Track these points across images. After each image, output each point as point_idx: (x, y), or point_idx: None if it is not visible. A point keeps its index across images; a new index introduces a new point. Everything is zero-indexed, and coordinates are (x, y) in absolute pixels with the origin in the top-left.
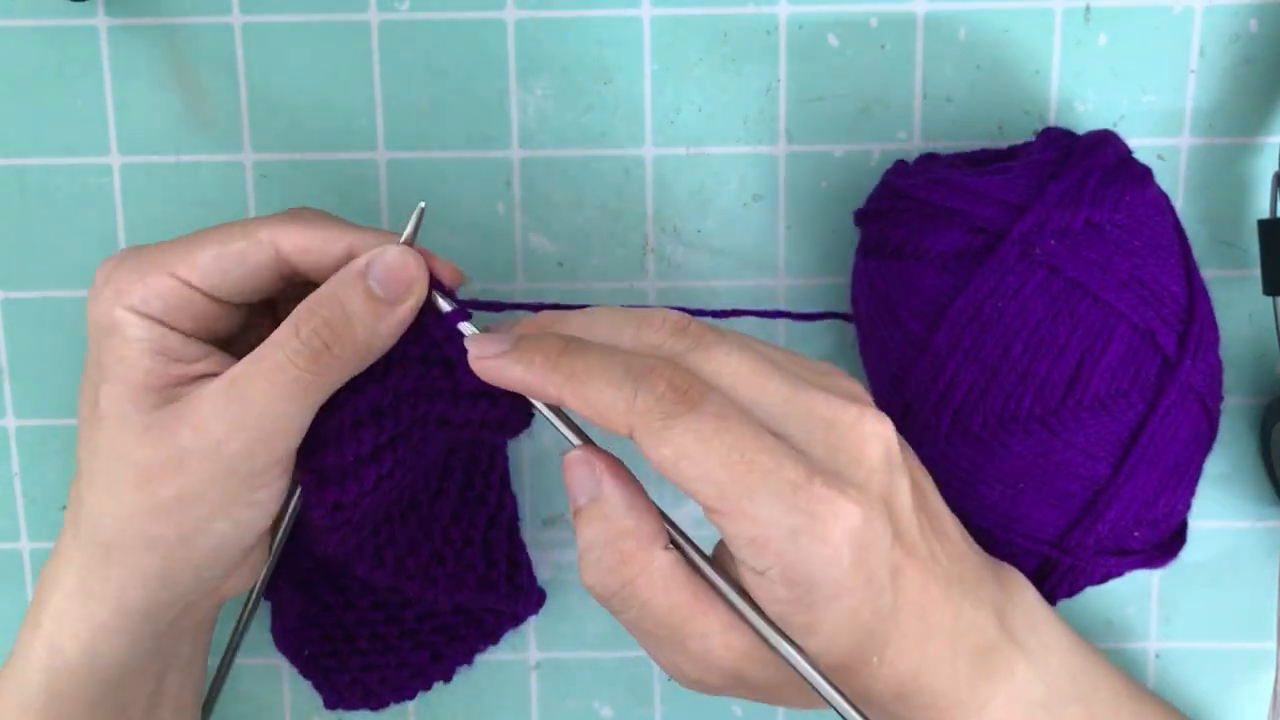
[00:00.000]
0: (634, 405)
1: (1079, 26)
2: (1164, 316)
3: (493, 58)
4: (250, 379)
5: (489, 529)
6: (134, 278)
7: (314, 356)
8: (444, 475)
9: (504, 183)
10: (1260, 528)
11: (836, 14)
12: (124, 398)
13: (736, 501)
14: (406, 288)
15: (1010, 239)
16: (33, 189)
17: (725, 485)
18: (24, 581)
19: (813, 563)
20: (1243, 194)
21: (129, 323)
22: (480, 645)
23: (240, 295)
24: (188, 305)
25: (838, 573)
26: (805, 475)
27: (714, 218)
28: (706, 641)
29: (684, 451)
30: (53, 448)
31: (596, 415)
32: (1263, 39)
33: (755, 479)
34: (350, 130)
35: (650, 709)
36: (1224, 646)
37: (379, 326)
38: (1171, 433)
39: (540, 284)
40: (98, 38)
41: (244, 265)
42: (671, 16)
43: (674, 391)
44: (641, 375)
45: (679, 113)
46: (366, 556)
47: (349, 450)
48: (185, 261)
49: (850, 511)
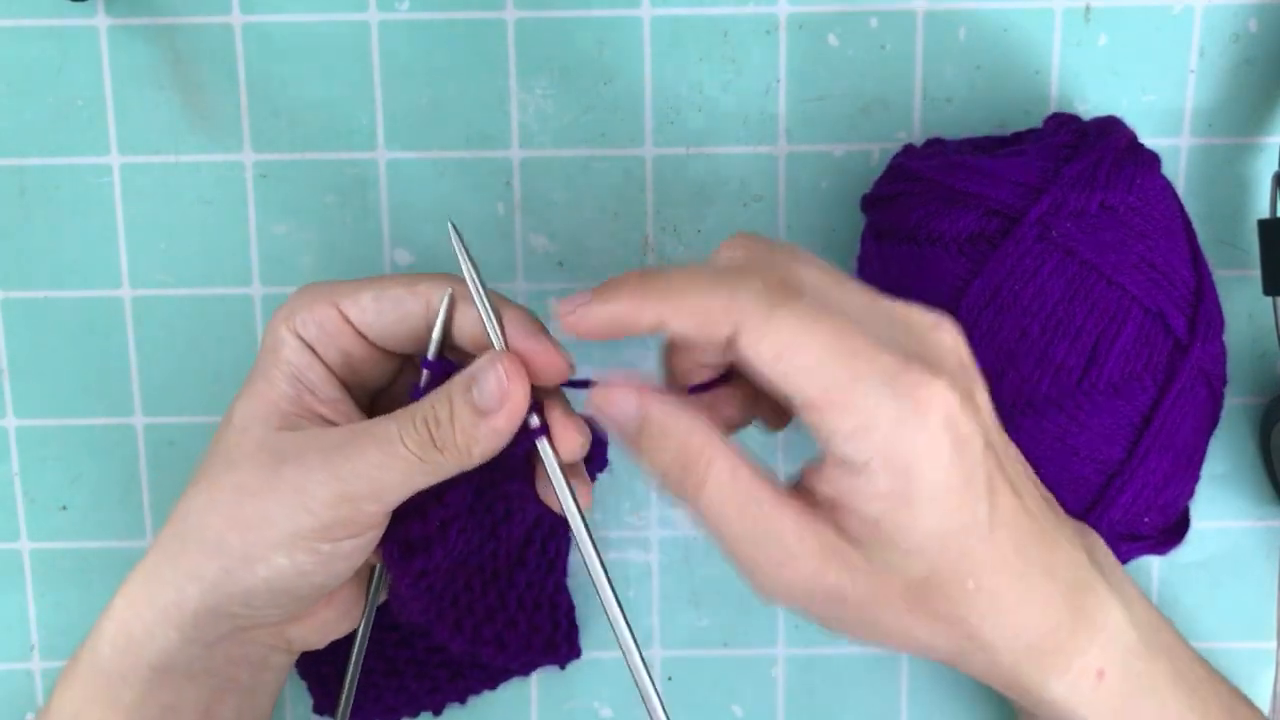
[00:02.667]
0: (735, 301)
1: (1079, 26)
2: (1174, 299)
3: (493, 58)
4: (362, 439)
5: (556, 592)
6: (305, 302)
7: (420, 443)
8: (525, 545)
9: (504, 183)
10: (1260, 527)
11: (836, 14)
12: (256, 413)
13: (840, 390)
14: (501, 403)
15: (1028, 221)
16: (33, 189)
17: (829, 373)
18: (24, 581)
19: (916, 449)
20: (1243, 194)
21: (286, 342)
22: (477, 688)
23: (390, 340)
24: (340, 336)
25: (938, 462)
26: (902, 361)
27: (714, 218)
28: (787, 540)
29: (788, 340)
30: (53, 448)
31: (697, 323)
32: (1263, 39)
33: (859, 365)
34: (350, 130)
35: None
36: (1224, 646)
37: (475, 433)
38: (1182, 416)
39: (540, 284)
40: (98, 38)
41: (397, 310)
42: (671, 16)
43: (774, 283)
44: (736, 277)
45: (679, 113)
46: (447, 625)
47: (433, 516)
48: (350, 296)
49: (948, 396)
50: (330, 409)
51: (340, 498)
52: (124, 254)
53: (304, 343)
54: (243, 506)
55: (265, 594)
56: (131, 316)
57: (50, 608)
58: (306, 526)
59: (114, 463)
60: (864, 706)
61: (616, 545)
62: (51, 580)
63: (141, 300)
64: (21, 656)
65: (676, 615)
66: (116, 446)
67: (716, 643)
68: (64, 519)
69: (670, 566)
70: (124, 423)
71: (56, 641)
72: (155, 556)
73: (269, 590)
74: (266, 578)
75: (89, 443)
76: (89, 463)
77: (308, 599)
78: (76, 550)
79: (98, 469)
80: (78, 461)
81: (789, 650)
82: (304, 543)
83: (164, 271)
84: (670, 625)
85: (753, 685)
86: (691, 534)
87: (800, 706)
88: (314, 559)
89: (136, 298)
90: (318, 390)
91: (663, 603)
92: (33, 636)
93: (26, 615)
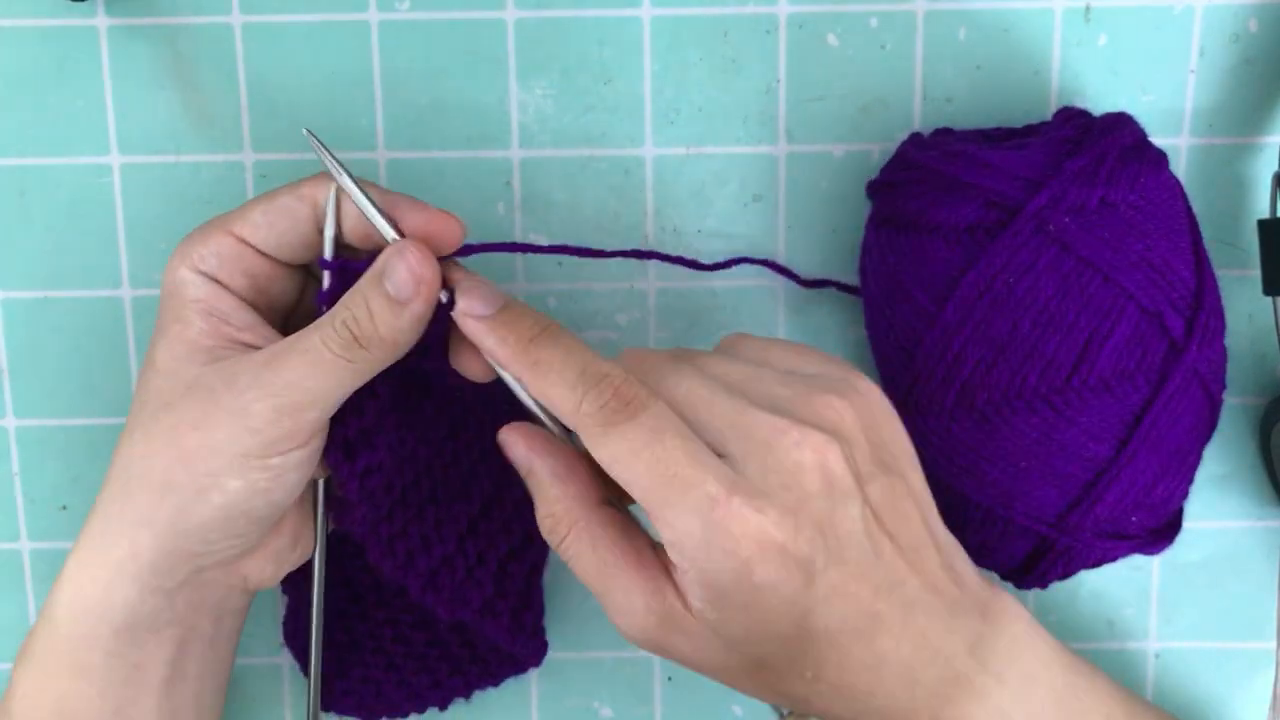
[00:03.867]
0: (580, 408)
1: (1079, 26)
2: (1173, 300)
3: (493, 58)
4: (288, 353)
5: (508, 559)
6: (197, 238)
7: (345, 345)
8: (469, 479)
9: (504, 183)
10: (1260, 527)
11: (836, 14)
12: (177, 354)
13: (658, 508)
14: (416, 289)
15: (1025, 214)
16: (33, 189)
17: (649, 492)
18: (24, 581)
19: (723, 572)
20: (1243, 194)
21: (188, 281)
22: (480, 683)
23: (287, 250)
24: (240, 260)
25: (747, 585)
26: (726, 491)
27: (714, 218)
28: (630, 597)
29: (617, 457)
30: (53, 448)
31: (549, 406)
32: (1263, 39)
33: (675, 492)
34: (350, 130)
35: (650, 709)
36: (1224, 646)
37: (398, 323)
38: (1174, 418)
39: (540, 284)
40: (98, 38)
41: (288, 218)
42: (671, 16)
43: (617, 400)
44: (594, 381)
45: (679, 113)
46: (380, 542)
47: (369, 410)
48: (240, 218)
49: (765, 528)
50: (250, 334)
51: (279, 411)
52: (124, 254)
53: (207, 277)
54: (185, 441)
55: (222, 522)
56: (131, 316)
57: None
58: (252, 445)
59: None
60: None
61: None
62: (51, 580)
63: (141, 300)
64: None
65: None
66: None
67: None
68: (64, 519)
69: None
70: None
71: None
72: (102, 512)
73: (226, 517)
74: (222, 504)
75: (89, 443)
76: (89, 463)
77: (265, 519)
78: None
79: (98, 469)
80: (78, 461)
81: None
82: (254, 461)
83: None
84: None
85: None
86: None
87: None
88: (266, 475)
89: (136, 298)
90: (231, 319)
91: None
92: None
93: (26, 615)
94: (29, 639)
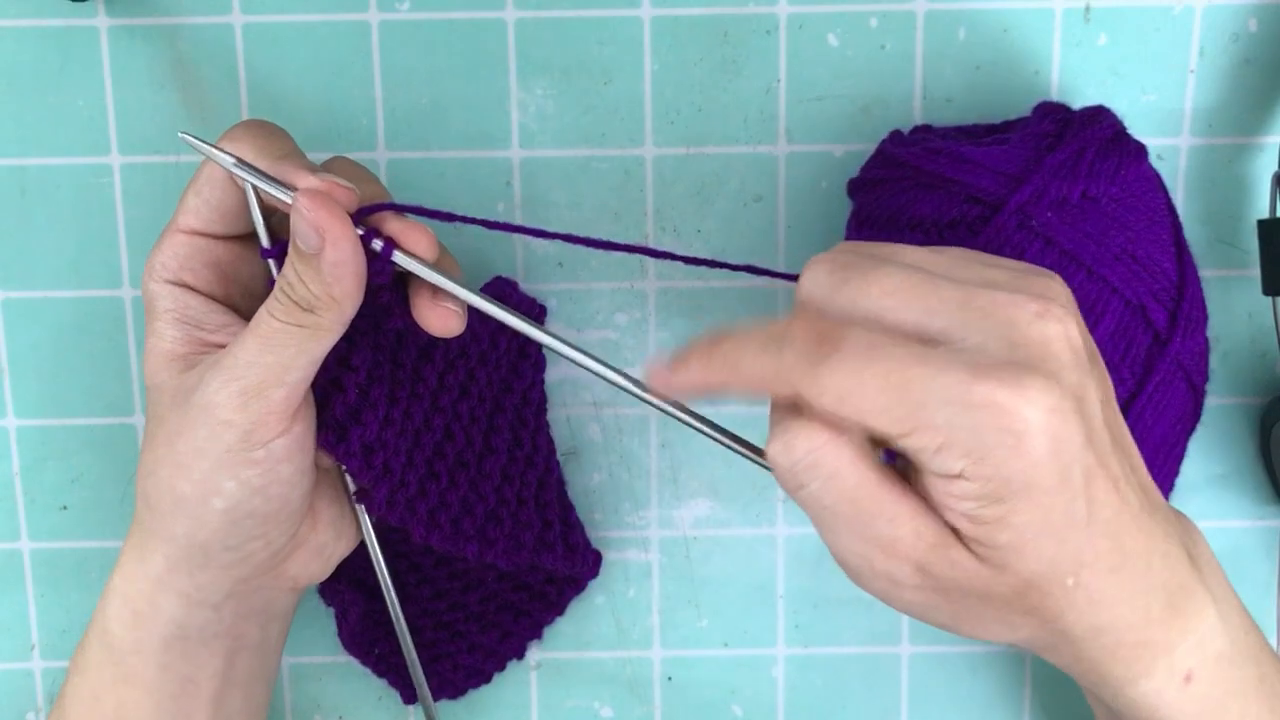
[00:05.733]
0: (783, 364)
1: (1079, 26)
2: (1155, 292)
3: (493, 58)
4: (243, 336)
5: (540, 489)
6: (156, 248)
7: (287, 310)
8: (489, 433)
9: (504, 183)
10: (1260, 527)
11: (836, 14)
12: (158, 366)
13: (911, 418)
14: (321, 237)
15: (1008, 209)
16: (33, 189)
17: (893, 407)
18: (24, 581)
19: (1001, 453)
20: (1243, 194)
21: (157, 294)
22: (547, 617)
23: (235, 221)
24: (197, 253)
25: (1027, 462)
26: (972, 371)
27: (714, 218)
28: (895, 526)
29: (843, 390)
30: (53, 448)
31: (759, 386)
32: (1263, 39)
33: (918, 390)
34: (350, 130)
35: (650, 709)
36: None
37: (325, 276)
38: (1159, 410)
39: (540, 284)
40: (98, 38)
41: (218, 191)
42: (671, 16)
43: (815, 338)
44: (781, 335)
45: (679, 113)
46: (421, 520)
47: (349, 385)
48: (181, 212)
49: (1034, 400)
50: (223, 334)
51: (244, 395)
52: (124, 254)
53: (173, 284)
54: (176, 450)
55: (231, 526)
56: (131, 316)
57: (50, 608)
58: (231, 439)
59: (114, 463)
60: (864, 706)
61: (617, 545)
62: (51, 580)
63: (141, 300)
64: (21, 656)
65: (676, 615)
66: (116, 446)
67: (716, 643)
68: (64, 519)
69: (670, 566)
70: (124, 423)
71: (56, 641)
72: (135, 532)
73: (232, 521)
74: (224, 509)
75: (89, 443)
76: (89, 463)
77: (277, 518)
78: (76, 550)
79: (98, 469)
80: (78, 461)
81: (789, 650)
82: (238, 456)
83: None
84: (670, 625)
85: (753, 685)
86: (692, 534)
87: (800, 706)
88: (256, 470)
89: (136, 298)
90: (204, 323)
91: (663, 602)
92: (33, 636)
93: (26, 615)
94: (81, 649)
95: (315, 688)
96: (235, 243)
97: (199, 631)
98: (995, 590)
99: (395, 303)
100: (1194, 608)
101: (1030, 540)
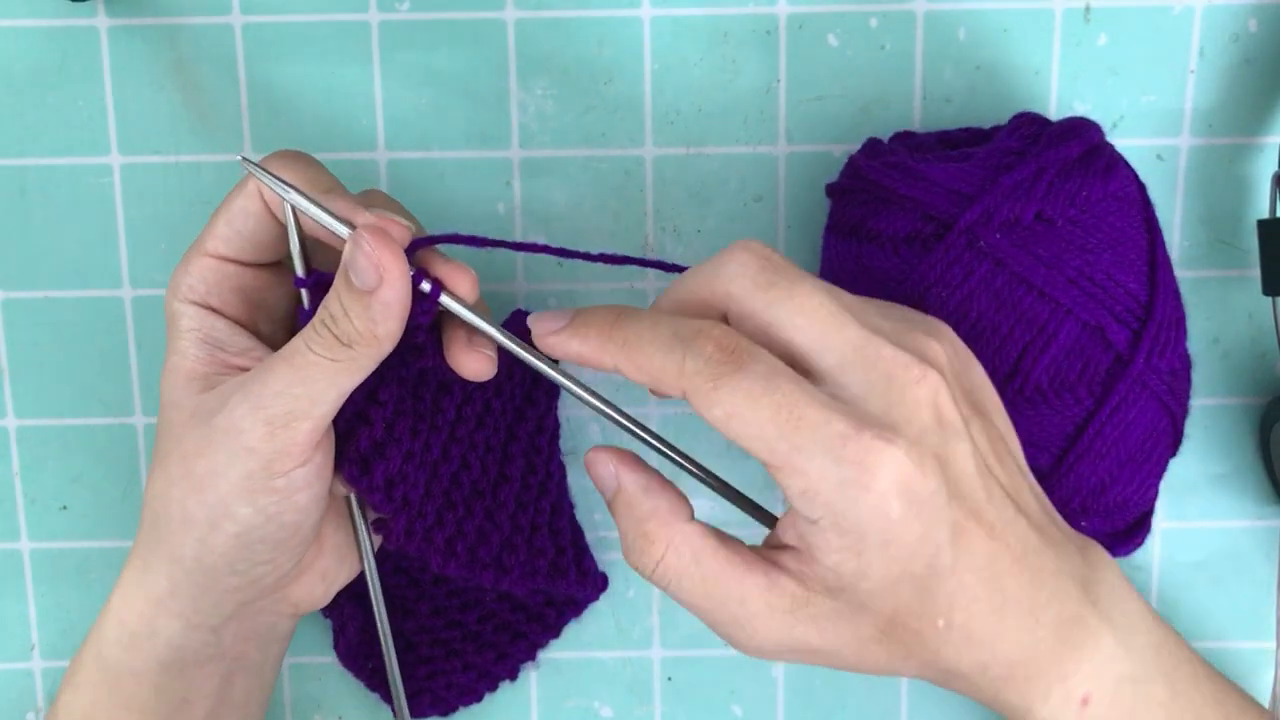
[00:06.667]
0: (684, 369)
1: (1079, 26)
2: (1116, 313)
3: (493, 58)
4: (274, 363)
5: (554, 516)
6: (181, 268)
7: (326, 345)
8: (504, 461)
9: (504, 183)
10: (1260, 527)
11: (836, 14)
12: (178, 384)
13: (787, 456)
14: (378, 275)
15: (957, 229)
16: (33, 189)
17: (775, 441)
18: (24, 581)
19: (861, 510)
20: (1243, 194)
21: (181, 313)
22: (542, 640)
23: (264, 250)
24: (224, 279)
25: (886, 521)
26: (854, 427)
27: (714, 218)
28: (746, 605)
29: (734, 411)
30: (53, 448)
31: (651, 380)
32: (1263, 39)
33: (803, 434)
34: (350, 130)
35: (650, 709)
36: (1224, 646)
37: (372, 314)
38: (1123, 428)
39: (540, 284)
40: (98, 38)
41: (249, 220)
42: (671, 16)
43: (721, 352)
44: (690, 339)
45: (679, 113)
46: (438, 549)
47: (376, 419)
48: (209, 236)
49: (898, 460)
50: (245, 358)
51: (271, 424)
52: (124, 254)
53: (198, 305)
54: (192, 471)
55: (241, 550)
56: (131, 316)
57: (50, 608)
58: (253, 466)
59: (114, 463)
60: (864, 706)
61: (617, 545)
62: (51, 580)
63: (141, 300)
64: (21, 656)
65: (676, 615)
66: (116, 446)
67: (717, 643)
68: (64, 519)
69: None
70: (124, 423)
71: (56, 641)
72: (139, 549)
73: (243, 545)
74: (236, 533)
75: (89, 443)
76: (89, 463)
77: (285, 543)
78: (76, 550)
79: (98, 469)
80: (78, 461)
81: None
82: (257, 483)
83: (164, 271)
84: (670, 625)
85: (753, 685)
86: None
87: (800, 706)
88: (273, 498)
89: (136, 298)
90: (227, 345)
91: (663, 602)
92: (33, 636)
93: (26, 615)
94: (76, 665)
95: (315, 688)
96: (263, 270)
97: (196, 654)
98: (863, 630)
99: (429, 344)
100: (1086, 638)
101: (890, 586)
